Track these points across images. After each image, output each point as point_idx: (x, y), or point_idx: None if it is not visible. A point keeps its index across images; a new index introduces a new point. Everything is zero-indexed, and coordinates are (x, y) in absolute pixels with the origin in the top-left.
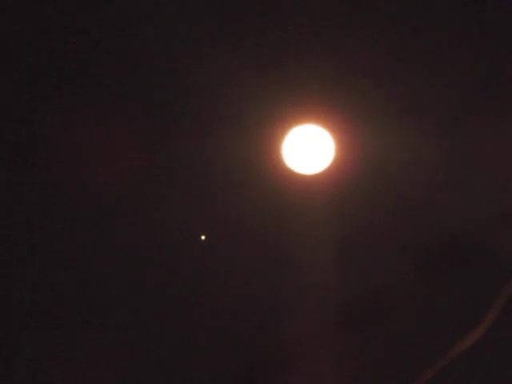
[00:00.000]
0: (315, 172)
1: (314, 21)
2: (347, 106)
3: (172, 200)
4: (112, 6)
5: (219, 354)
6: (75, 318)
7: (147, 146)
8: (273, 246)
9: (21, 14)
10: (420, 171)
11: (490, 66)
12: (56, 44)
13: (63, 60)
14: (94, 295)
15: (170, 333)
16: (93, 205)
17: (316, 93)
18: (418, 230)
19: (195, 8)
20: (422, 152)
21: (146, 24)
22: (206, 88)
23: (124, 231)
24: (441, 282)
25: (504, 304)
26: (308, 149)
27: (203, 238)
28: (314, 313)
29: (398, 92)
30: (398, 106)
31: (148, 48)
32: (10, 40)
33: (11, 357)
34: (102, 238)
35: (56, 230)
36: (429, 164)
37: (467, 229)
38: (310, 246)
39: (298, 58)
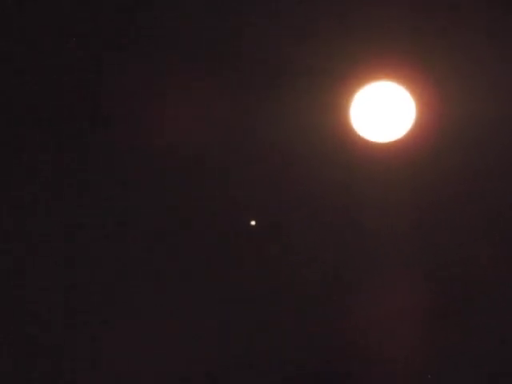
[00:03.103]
0: (390, 140)
1: None
2: (432, 62)
3: (236, 171)
4: None
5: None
6: (75, 317)
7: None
8: (343, 224)
9: None
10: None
11: None
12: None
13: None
14: (94, 294)
15: (171, 332)
16: None
17: (397, 45)
18: (500, 205)
19: None
20: None
21: None
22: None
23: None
24: None
25: None
26: (382, 111)
27: (253, 223)
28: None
29: (489, 50)
30: (488, 66)
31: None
32: None
33: (12, 357)
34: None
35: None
36: None
37: None
38: (384, 223)
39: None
